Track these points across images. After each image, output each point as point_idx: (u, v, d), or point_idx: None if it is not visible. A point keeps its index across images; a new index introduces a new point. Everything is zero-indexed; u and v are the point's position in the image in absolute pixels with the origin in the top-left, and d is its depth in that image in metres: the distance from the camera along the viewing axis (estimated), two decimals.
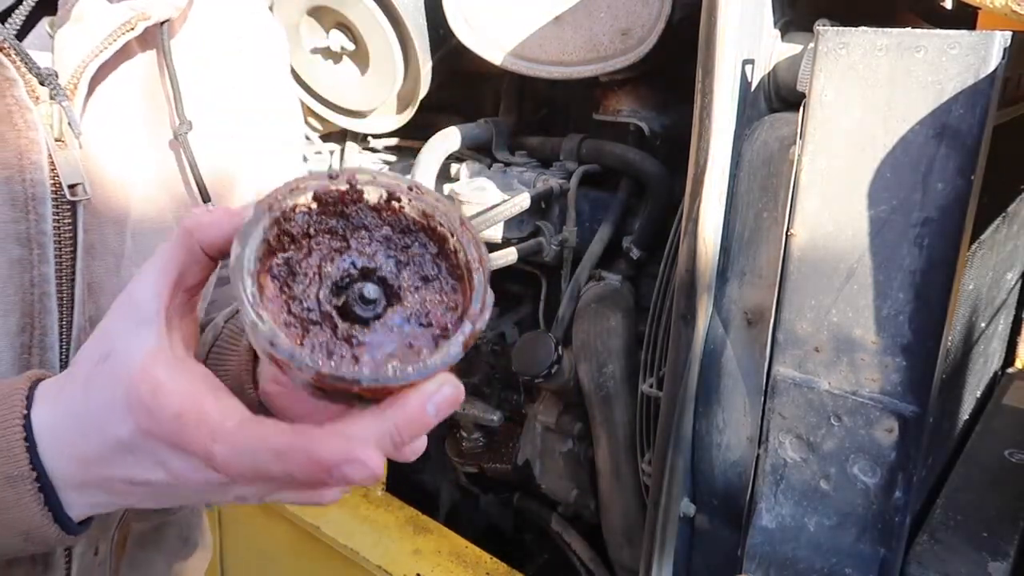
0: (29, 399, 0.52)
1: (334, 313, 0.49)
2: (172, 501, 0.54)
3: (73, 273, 0.68)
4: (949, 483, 1.11)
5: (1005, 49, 0.76)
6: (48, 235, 0.65)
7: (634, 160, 1.41)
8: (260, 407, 0.63)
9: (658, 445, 1.12)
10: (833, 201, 0.86)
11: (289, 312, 0.48)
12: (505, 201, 1.41)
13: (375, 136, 1.81)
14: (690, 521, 1.13)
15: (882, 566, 0.90)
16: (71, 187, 0.66)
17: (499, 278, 1.55)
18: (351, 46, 1.57)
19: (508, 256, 1.44)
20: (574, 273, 1.46)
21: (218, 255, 0.52)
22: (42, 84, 0.65)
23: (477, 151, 1.60)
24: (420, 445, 0.54)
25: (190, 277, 0.53)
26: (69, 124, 0.65)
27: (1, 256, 0.63)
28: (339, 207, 0.51)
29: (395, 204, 0.51)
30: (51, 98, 0.65)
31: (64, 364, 0.67)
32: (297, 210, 0.49)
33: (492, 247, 1.47)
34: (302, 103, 1.75)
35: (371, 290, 0.48)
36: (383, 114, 1.68)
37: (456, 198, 1.48)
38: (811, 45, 0.87)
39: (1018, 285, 1.45)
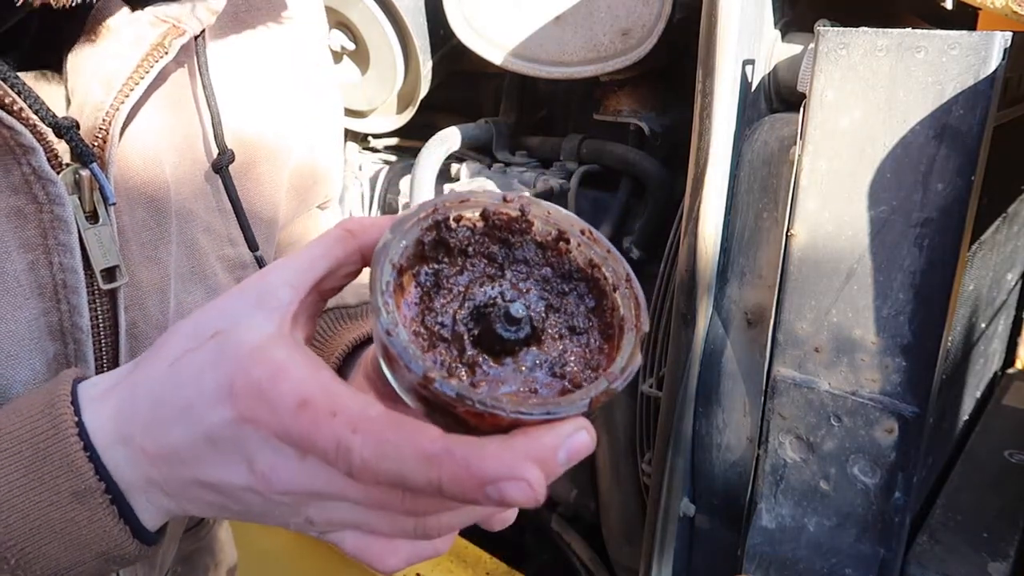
0: (75, 403, 0.46)
1: (466, 336, 0.46)
2: (232, 515, 0.47)
3: (116, 366, 0.58)
4: (949, 483, 1.11)
5: (1005, 49, 0.76)
6: (86, 331, 0.56)
7: (634, 160, 1.41)
8: None
9: (658, 445, 1.12)
10: (833, 201, 0.86)
11: (423, 323, 0.45)
12: None
13: (375, 136, 1.81)
14: (690, 521, 1.13)
15: (882, 566, 0.90)
16: (106, 271, 0.56)
17: None
18: (351, 46, 1.57)
19: None
20: None
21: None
22: (60, 137, 0.54)
23: (477, 151, 1.60)
24: (512, 514, 0.49)
25: (333, 280, 0.47)
26: (101, 192, 0.55)
27: (38, 357, 0.55)
28: (503, 233, 0.48)
29: (562, 245, 0.48)
30: (75, 158, 0.54)
31: None
32: (461, 222, 0.47)
33: None
34: None
35: (518, 308, 0.45)
36: (383, 114, 1.68)
37: None
38: (811, 45, 0.87)
39: (1018, 285, 1.45)
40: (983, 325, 1.24)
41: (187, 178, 0.64)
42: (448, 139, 1.54)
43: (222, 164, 0.64)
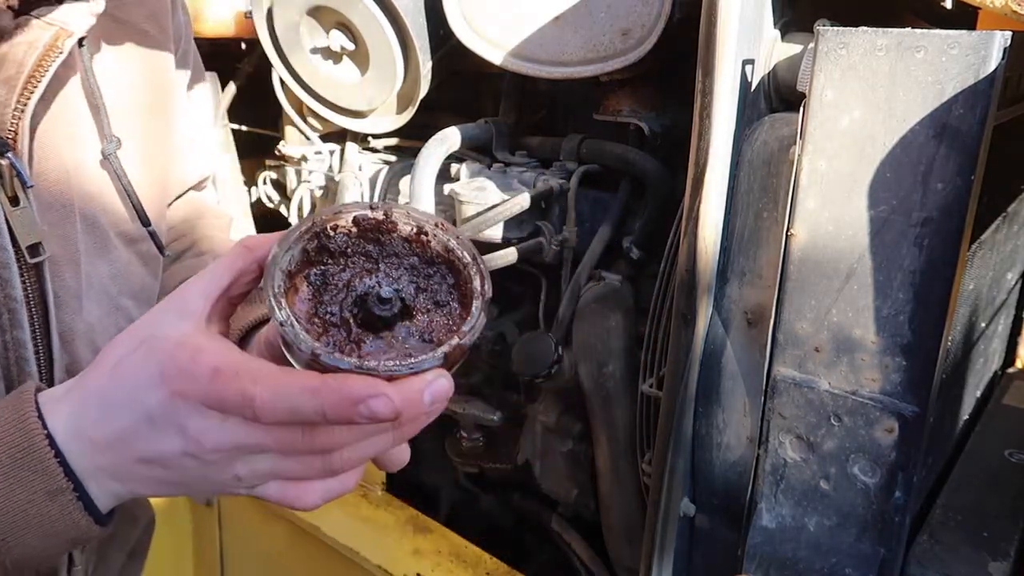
0: (40, 415, 0.54)
1: (352, 320, 0.56)
2: (176, 487, 0.56)
3: (48, 331, 0.66)
4: (949, 483, 1.11)
5: (1005, 49, 0.76)
6: (19, 300, 0.63)
7: (634, 160, 1.41)
8: None
9: (658, 445, 1.12)
10: (833, 201, 0.86)
11: (316, 314, 0.55)
12: (505, 201, 1.41)
13: (375, 136, 1.81)
14: (690, 521, 1.13)
15: (882, 566, 0.90)
16: (30, 247, 0.63)
17: (499, 278, 1.55)
18: (351, 46, 1.57)
19: (508, 256, 1.44)
20: (574, 273, 1.46)
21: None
22: None
23: (477, 151, 1.60)
24: (404, 455, 0.61)
25: (237, 288, 0.56)
26: (19, 177, 0.62)
27: None
28: (374, 234, 0.58)
29: (423, 237, 0.59)
30: None
31: None
32: (338, 230, 0.57)
33: (492, 247, 1.47)
34: (302, 103, 1.76)
35: (387, 291, 0.56)
36: (383, 114, 1.68)
37: (456, 198, 1.48)
38: (811, 45, 0.87)
39: (1018, 285, 1.45)
40: (983, 325, 1.24)
41: (82, 164, 0.72)
42: (448, 139, 1.54)
43: (111, 151, 0.73)
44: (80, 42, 0.68)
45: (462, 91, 1.72)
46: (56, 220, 0.68)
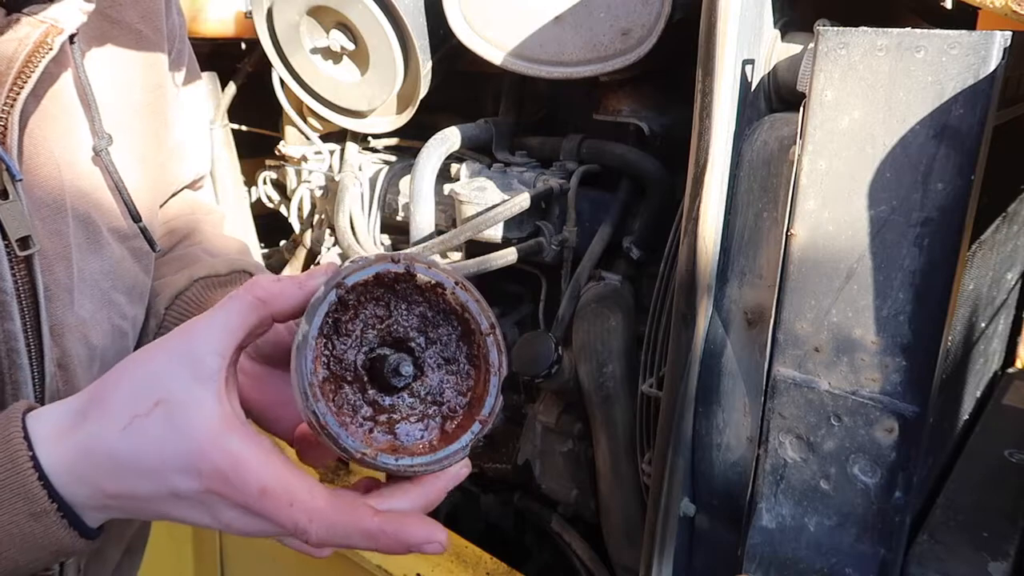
0: (28, 437, 0.54)
1: (366, 377, 0.58)
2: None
3: (39, 324, 0.66)
4: (949, 483, 1.11)
5: (1005, 49, 0.76)
6: (9, 293, 0.63)
7: (634, 160, 1.41)
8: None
9: (658, 445, 1.12)
10: (833, 201, 0.86)
11: (328, 367, 0.57)
12: (505, 201, 1.41)
13: (375, 136, 1.81)
14: (690, 521, 1.13)
15: (882, 566, 0.90)
16: (20, 240, 0.64)
17: (499, 278, 1.55)
18: (351, 46, 1.57)
19: (508, 256, 1.44)
20: (574, 273, 1.46)
21: (283, 320, 0.57)
22: None
23: (477, 151, 1.60)
24: None
25: (250, 339, 0.57)
26: (8, 172, 0.62)
27: None
28: (392, 288, 0.59)
29: (439, 290, 0.59)
30: None
31: None
32: (358, 286, 0.57)
33: (492, 247, 1.47)
34: (302, 103, 1.76)
35: (407, 368, 0.58)
36: (383, 114, 1.68)
37: (456, 198, 1.47)
38: (811, 45, 0.87)
39: (1018, 285, 1.45)
40: (983, 325, 1.24)
41: (74, 161, 0.72)
42: (448, 139, 1.54)
43: (102, 147, 0.73)
44: (71, 39, 0.68)
45: (462, 91, 1.72)
46: (47, 215, 0.68)
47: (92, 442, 0.53)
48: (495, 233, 1.44)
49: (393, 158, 1.80)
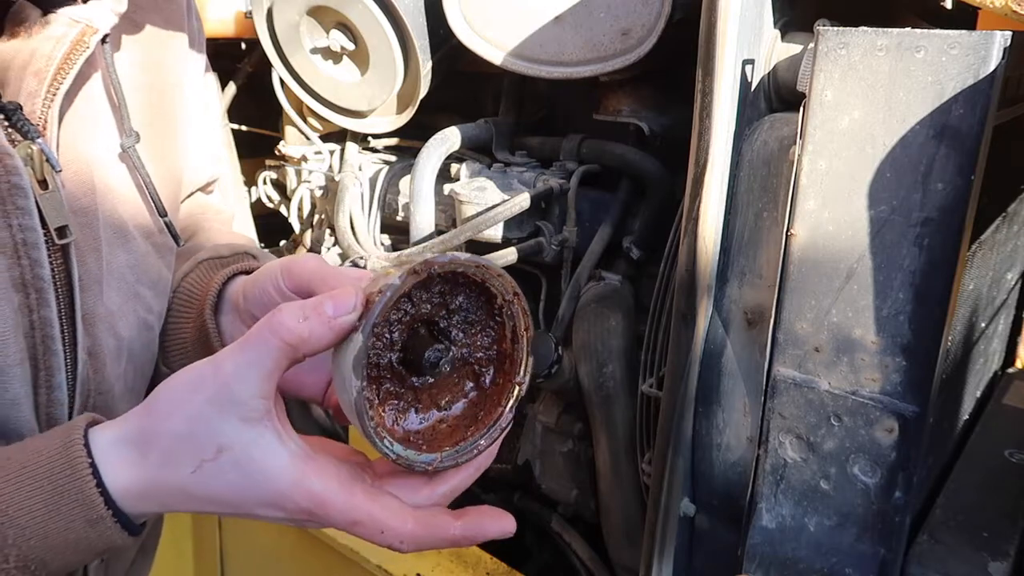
0: (88, 448, 0.56)
1: (399, 367, 0.61)
2: None
3: (73, 312, 0.68)
4: (949, 483, 1.11)
5: (1005, 49, 0.76)
6: (47, 280, 0.65)
7: (634, 160, 1.41)
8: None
9: (658, 445, 1.12)
10: (833, 201, 0.86)
11: (367, 374, 0.58)
12: (505, 201, 1.41)
13: (375, 136, 1.81)
14: (690, 521, 1.13)
15: (882, 566, 0.90)
16: (58, 229, 0.65)
17: None
18: (351, 46, 1.57)
19: (508, 256, 1.44)
20: (574, 273, 1.46)
21: (314, 354, 0.58)
22: (7, 120, 0.63)
23: (477, 151, 1.60)
24: None
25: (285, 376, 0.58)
26: (48, 162, 0.64)
27: (6, 305, 0.63)
28: (419, 284, 0.60)
29: (458, 268, 0.60)
30: (25, 136, 0.63)
31: (71, 401, 0.69)
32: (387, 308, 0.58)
33: (492, 247, 1.47)
34: (302, 103, 1.76)
35: (436, 355, 0.60)
36: (383, 114, 1.68)
37: (456, 198, 1.47)
38: (811, 45, 0.87)
39: (1018, 285, 1.45)
40: (983, 325, 1.24)
41: (103, 157, 0.74)
42: (448, 139, 1.54)
43: (130, 144, 0.75)
44: (103, 39, 0.71)
45: (462, 91, 1.72)
46: (79, 208, 0.70)
47: (161, 479, 0.56)
48: (495, 233, 1.44)
49: (393, 158, 1.80)
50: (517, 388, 0.63)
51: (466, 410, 0.64)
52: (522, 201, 1.40)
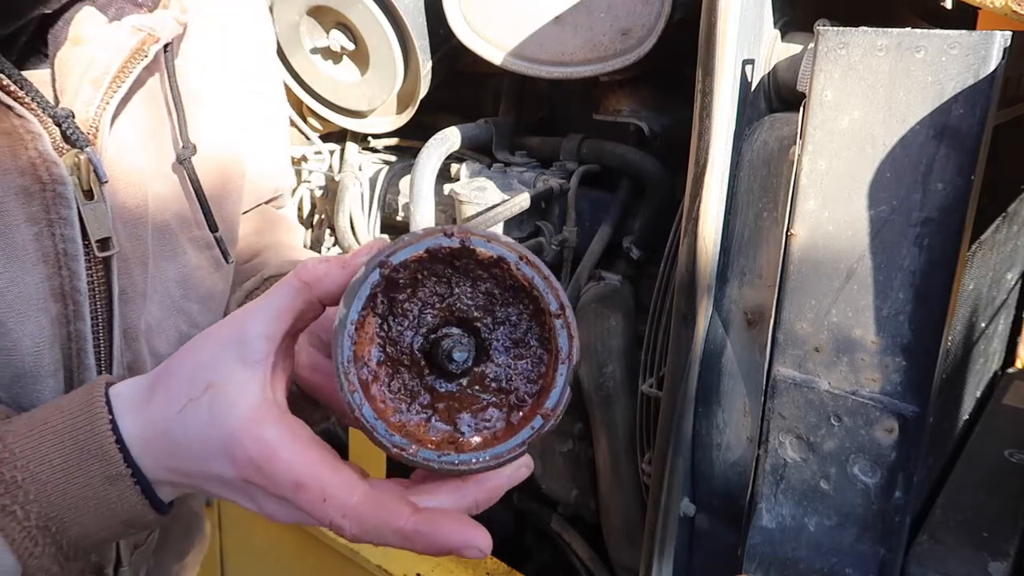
0: (109, 404, 0.55)
1: (423, 362, 0.54)
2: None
3: (110, 327, 0.67)
4: (949, 483, 1.11)
5: (1005, 49, 0.76)
6: (83, 292, 0.64)
7: (634, 160, 1.41)
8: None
9: (658, 445, 1.12)
10: (833, 201, 0.86)
11: (384, 351, 0.53)
12: (505, 201, 1.41)
13: (375, 136, 1.81)
14: (690, 521, 1.13)
15: (882, 566, 0.90)
16: (100, 241, 0.64)
17: None
18: (351, 46, 1.57)
19: None
20: (574, 273, 1.46)
21: (332, 303, 0.55)
22: (57, 126, 0.62)
23: (477, 151, 1.60)
24: None
25: (300, 324, 0.56)
26: (95, 172, 0.63)
27: (43, 315, 0.62)
28: (450, 264, 0.53)
29: (503, 264, 0.53)
30: (72, 144, 0.62)
31: None
32: (409, 267, 0.52)
33: None
34: (302, 103, 1.76)
35: (460, 354, 0.53)
36: (383, 114, 1.68)
37: (456, 198, 1.48)
38: (811, 45, 0.87)
39: (1018, 285, 1.45)
40: (983, 324, 1.24)
41: (158, 167, 0.73)
42: (448, 139, 1.54)
43: (186, 156, 0.74)
44: (165, 48, 0.70)
45: (462, 91, 1.72)
46: (129, 219, 0.69)
47: (156, 421, 0.54)
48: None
49: (393, 158, 1.80)
50: (541, 421, 0.53)
51: (482, 432, 0.54)
52: (522, 201, 1.40)
